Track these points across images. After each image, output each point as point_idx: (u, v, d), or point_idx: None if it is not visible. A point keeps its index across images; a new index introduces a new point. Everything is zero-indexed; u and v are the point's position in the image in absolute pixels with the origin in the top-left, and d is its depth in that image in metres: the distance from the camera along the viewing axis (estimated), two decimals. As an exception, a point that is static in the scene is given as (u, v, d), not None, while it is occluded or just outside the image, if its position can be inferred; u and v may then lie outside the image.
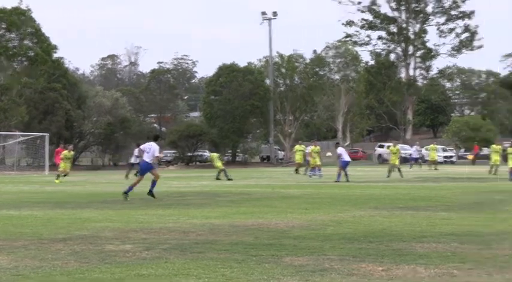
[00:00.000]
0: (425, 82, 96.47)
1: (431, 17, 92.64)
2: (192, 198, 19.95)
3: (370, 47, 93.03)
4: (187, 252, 9.12)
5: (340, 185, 27.18)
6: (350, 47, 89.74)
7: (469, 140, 76.26)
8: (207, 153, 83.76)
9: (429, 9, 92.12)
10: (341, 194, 20.67)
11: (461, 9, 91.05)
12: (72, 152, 37.46)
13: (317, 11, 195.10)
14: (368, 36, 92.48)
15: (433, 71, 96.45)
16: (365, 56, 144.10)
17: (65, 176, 34.15)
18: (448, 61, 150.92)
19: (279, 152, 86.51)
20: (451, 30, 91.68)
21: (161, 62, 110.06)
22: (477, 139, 74.65)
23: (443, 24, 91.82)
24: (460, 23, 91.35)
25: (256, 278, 7.42)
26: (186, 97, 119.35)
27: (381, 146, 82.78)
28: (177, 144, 73.10)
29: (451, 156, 70.17)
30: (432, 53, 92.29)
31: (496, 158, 37.09)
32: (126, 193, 19.21)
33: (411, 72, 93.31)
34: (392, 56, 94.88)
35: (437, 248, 9.29)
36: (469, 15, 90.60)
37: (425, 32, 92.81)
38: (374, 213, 14.54)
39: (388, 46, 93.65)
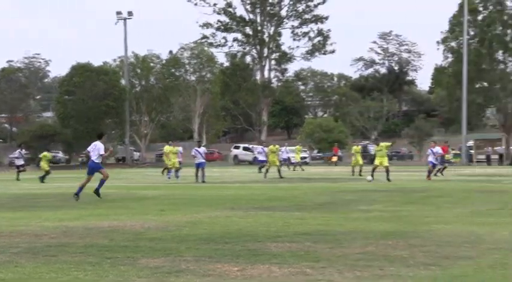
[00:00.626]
0: (280, 84, 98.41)
1: (285, 20, 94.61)
2: (44, 201, 19.39)
3: (226, 49, 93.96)
4: (39, 256, 8.83)
5: (196, 186, 27.23)
6: (206, 48, 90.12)
7: (322, 141, 78.51)
8: (60, 154, 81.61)
9: (284, 12, 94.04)
10: (197, 195, 20.69)
11: (314, 13, 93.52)
12: None
13: (174, 11, 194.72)
14: (224, 37, 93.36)
15: (288, 74, 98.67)
16: (221, 57, 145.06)
17: None
18: (302, 64, 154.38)
19: (135, 152, 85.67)
20: (305, 33, 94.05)
21: (11, 61, 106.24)
22: (330, 140, 77.00)
23: (297, 27, 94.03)
24: (314, 27, 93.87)
25: (111, 280, 7.29)
26: (38, 97, 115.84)
27: (237, 147, 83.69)
28: (29, 144, 70.78)
29: (305, 157, 71.83)
30: (287, 56, 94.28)
31: (358, 158, 38.23)
32: (76, 194, 19.15)
33: (266, 74, 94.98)
34: (248, 58, 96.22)
35: (291, 248, 9.46)
36: (321, 19, 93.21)
37: (280, 35, 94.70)
38: (230, 213, 14.64)
39: (244, 48, 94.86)
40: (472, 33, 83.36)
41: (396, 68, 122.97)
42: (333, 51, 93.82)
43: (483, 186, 25.49)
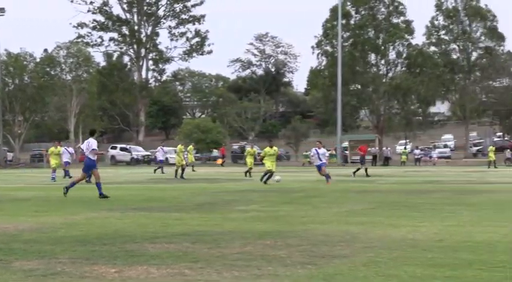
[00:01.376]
0: (157, 84, 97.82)
1: (163, 20, 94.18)
2: None
3: (102, 48, 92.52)
4: None
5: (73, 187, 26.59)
6: (82, 47, 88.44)
7: (200, 141, 78.55)
8: None
9: (161, 12, 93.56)
10: (73, 196, 20.21)
11: (191, 14, 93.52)
12: None
13: (49, 8, 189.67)
14: (100, 37, 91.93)
15: (166, 74, 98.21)
16: (98, 56, 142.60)
17: None
18: (180, 64, 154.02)
19: (8, 153, 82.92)
20: (183, 34, 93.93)
21: None
22: (208, 141, 77.19)
23: (175, 27, 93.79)
24: (191, 27, 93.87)
25: (-19, 286, 7.02)
26: None
27: (114, 148, 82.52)
28: None
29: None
30: (164, 56, 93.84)
31: (251, 160, 38.36)
32: (67, 188, 19.64)
33: (144, 75, 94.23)
34: (125, 58, 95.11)
35: (170, 248, 9.39)
36: (199, 19, 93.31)
37: (157, 35, 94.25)
38: (107, 214, 14.40)
39: (121, 48, 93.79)
40: (345, 36, 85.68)
41: (273, 69, 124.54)
42: (210, 52, 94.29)
43: (358, 186, 26.21)
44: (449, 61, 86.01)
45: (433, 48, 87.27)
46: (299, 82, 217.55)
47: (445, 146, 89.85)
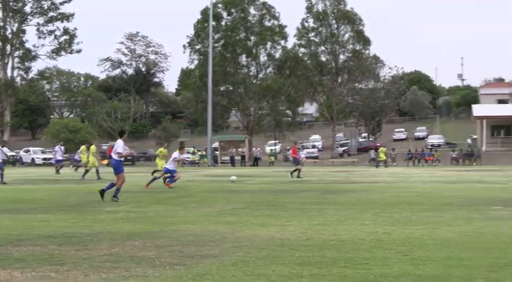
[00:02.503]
0: (24, 83, 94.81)
1: (30, 17, 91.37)
2: None
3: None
4: None
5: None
6: None
7: (68, 142, 76.72)
8: None
9: (28, 9, 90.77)
10: None
11: (60, 11, 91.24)
12: None
13: None
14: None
15: (33, 72, 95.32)
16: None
17: None
18: (48, 63, 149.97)
19: None
20: (51, 32, 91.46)
21: None
22: (76, 141, 75.48)
23: (42, 25, 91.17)
24: (60, 25, 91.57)
25: None
26: None
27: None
28: None
29: (50, 158, 69.72)
30: (31, 54, 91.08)
31: (162, 162, 37.26)
32: (115, 196, 18.37)
33: (9, 73, 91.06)
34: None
35: (35, 251, 9.14)
36: (68, 17, 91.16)
37: (24, 32, 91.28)
38: (-32, 218, 13.83)
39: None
40: (217, 37, 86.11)
41: (143, 69, 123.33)
42: (79, 51, 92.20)
43: (228, 187, 26.38)
44: (318, 63, 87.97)
45: (303, 50, 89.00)
46: (170, 82, 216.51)
47: (313, 147, 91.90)
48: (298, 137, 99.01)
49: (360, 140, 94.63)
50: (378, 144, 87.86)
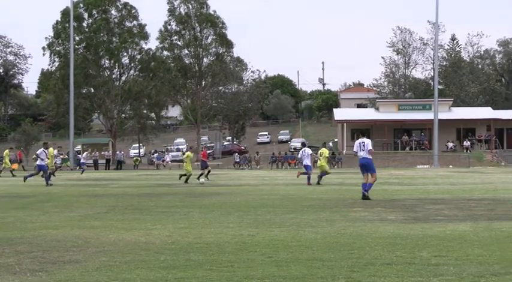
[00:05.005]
0: None
1: None
2: None
3: None
4: None
5: None
6: None
7: None
8: None
9: None
10: None
11: None
12: None
13: None
14: None
15: None
16: None
17: None
18: None
19: None
20: None
21: None
22: None
23: None
24: None
25: None
26: None
27: None
28: None
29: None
30: None
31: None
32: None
33: None
34: None
35: None
36: None
37: None
38: None
39: None
40: (78, 39, 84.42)
41: (1, 70, 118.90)
42: None
43: (91, 191, 25.88)
44: (181, 66, 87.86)
45: (166, 52, 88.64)
46: (30, 84, 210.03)
47: (178, 150, 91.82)
48: (162, 140, 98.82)
49: (225, 143, 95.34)
50: (242, 148, 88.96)
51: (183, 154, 33.51)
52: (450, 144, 74.95)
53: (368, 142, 19.66)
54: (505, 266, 8.04)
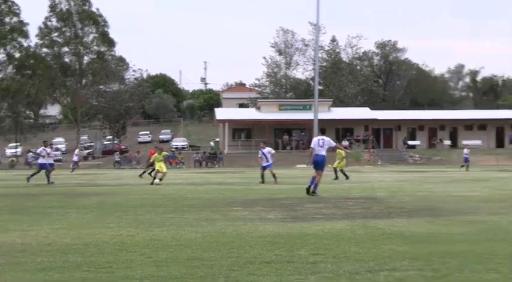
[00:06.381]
0: None
1: None
2: None
3: None
4: None
5: None
6: None
7: None
8: None
9: None
10: None
11: None
12: None
13: None
14: None
15: None
16: None
17: None
18: None
19: None
20: None
21: None
22: None
23: None
24: None
25: None
26: None
27: None
28: None
29: None
30: None
31: None
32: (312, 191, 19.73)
33: None
34: None
35: None
36: None
37: None
38: None
39: None
40: None
41: None
42: None
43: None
44: (62, 64, 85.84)
45: (45, 50, 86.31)
46: None
47: (57, 149, 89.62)
48: (41, 140, 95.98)
49: (105, 142, 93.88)
50: (123, 147, 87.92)
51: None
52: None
53: (328, 140, 20.48)
54: (380, 263, 8.29)
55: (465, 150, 52.88)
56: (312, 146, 20.83)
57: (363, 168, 58.25)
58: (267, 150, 30.92)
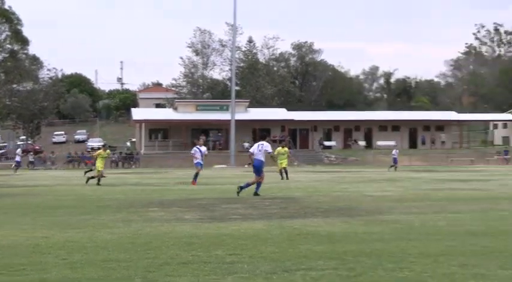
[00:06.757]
0: None
1: None
2: None
3: None
4: None
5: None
6: None
7: None
8: None
9: None
10: None
11: None
12: None
13: None
14: None
15: None
16: None
17: None
18: None
19: None
20: None
21: None
22: None
23: None
24: None
25: None
26: None
27: None
28: None
29: None
30: None
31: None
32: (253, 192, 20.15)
33: None
34: None
35: None
36: None
37: None
38: None
39: None
40: None
41: None
42: None
43: None
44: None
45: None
46: None
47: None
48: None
49: (19, 142, 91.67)
50: (37, 147, 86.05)
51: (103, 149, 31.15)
52: (246, 145, 77.00)
53: (267, 145, 20.82)
54: (296, 262, 8.39)
55: (393, 151, 53.66)
56: (251, 150, 21.21)
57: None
58: (204, 149, 30.69)
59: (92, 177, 29.77)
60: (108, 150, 32.40)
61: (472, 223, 12.71)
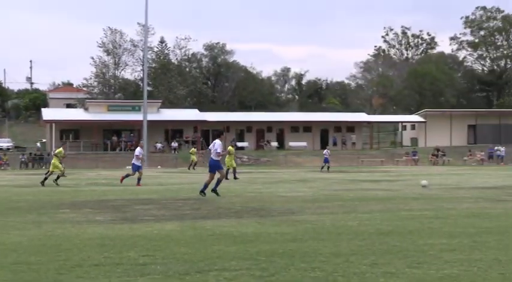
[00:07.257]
0: None
1: None
2: None
3: None
4: None
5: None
6: None
7: None
8: None
9: None
10: None
11: None
12: None
13: None
14: None
15: None
16: None
17: None
18: None
19: None
20: None
21: None
22: None
23: None
24: None
25: None
26: None
27: None
28: None
29: None
30: None
31: None
32: (202, 191, 20.11)
33: None
34: None
35: None
36: None
37: None
38: None
39: None
40: None
41: None
42: None
43: None
44: None
45: None
46: None
47: None
48: None
49: None
50: None
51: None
52: (159, 145, 76.54)
53: (218, 144, 20.45)
54: (209, 263, 8.42)
55: (325, 151, 53.86)
56: (209, 148, 21.39)
57: (193, 169, 58.54)
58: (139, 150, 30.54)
59: (58, 177, 29.94)
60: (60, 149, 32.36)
61: (381, 223, 13.00)
